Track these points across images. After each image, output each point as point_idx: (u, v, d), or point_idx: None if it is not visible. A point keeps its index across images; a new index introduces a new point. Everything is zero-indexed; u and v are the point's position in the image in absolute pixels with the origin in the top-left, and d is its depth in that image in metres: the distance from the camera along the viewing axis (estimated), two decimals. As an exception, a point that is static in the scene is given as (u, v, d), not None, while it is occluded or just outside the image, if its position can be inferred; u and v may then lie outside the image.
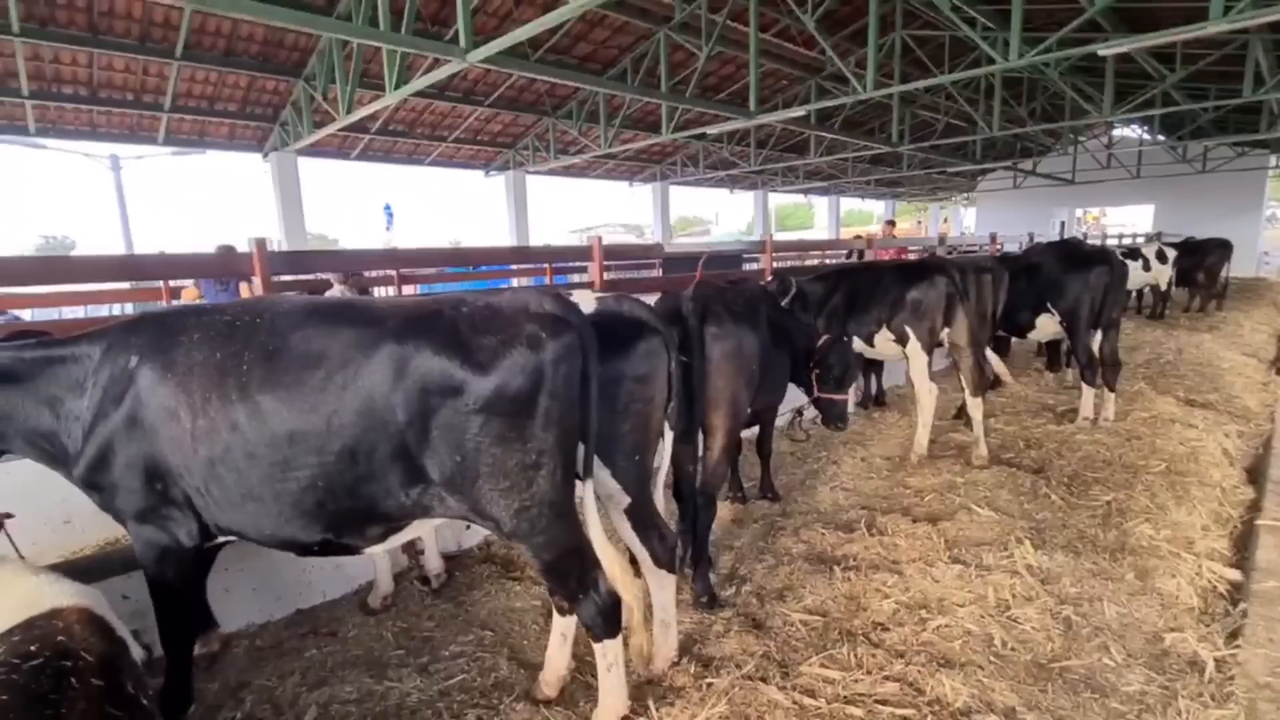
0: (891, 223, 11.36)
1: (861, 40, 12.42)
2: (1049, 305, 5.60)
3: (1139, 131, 19.86)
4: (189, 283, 7.29)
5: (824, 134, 13.85)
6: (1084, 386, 5.53)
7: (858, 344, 5.25)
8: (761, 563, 3.33)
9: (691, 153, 17.78)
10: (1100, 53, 6.95)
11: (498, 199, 16.25)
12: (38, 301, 7.65)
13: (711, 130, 11.34)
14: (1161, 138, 17.26)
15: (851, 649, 2.53)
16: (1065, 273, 5.46)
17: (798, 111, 10.14)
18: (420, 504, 1.93)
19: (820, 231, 32.39)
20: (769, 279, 5.72)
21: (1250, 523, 3.89)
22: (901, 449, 5.14)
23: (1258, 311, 12.54)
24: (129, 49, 8.89)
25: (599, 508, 2.17)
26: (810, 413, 5.22)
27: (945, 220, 43.41)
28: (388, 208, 26.01)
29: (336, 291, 7.22)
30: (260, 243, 3.56)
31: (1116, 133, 20.62)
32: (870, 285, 5.11)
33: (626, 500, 2.35)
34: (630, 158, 17.79)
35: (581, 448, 2.02)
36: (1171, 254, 11.79)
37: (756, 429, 4.21)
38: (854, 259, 8.83)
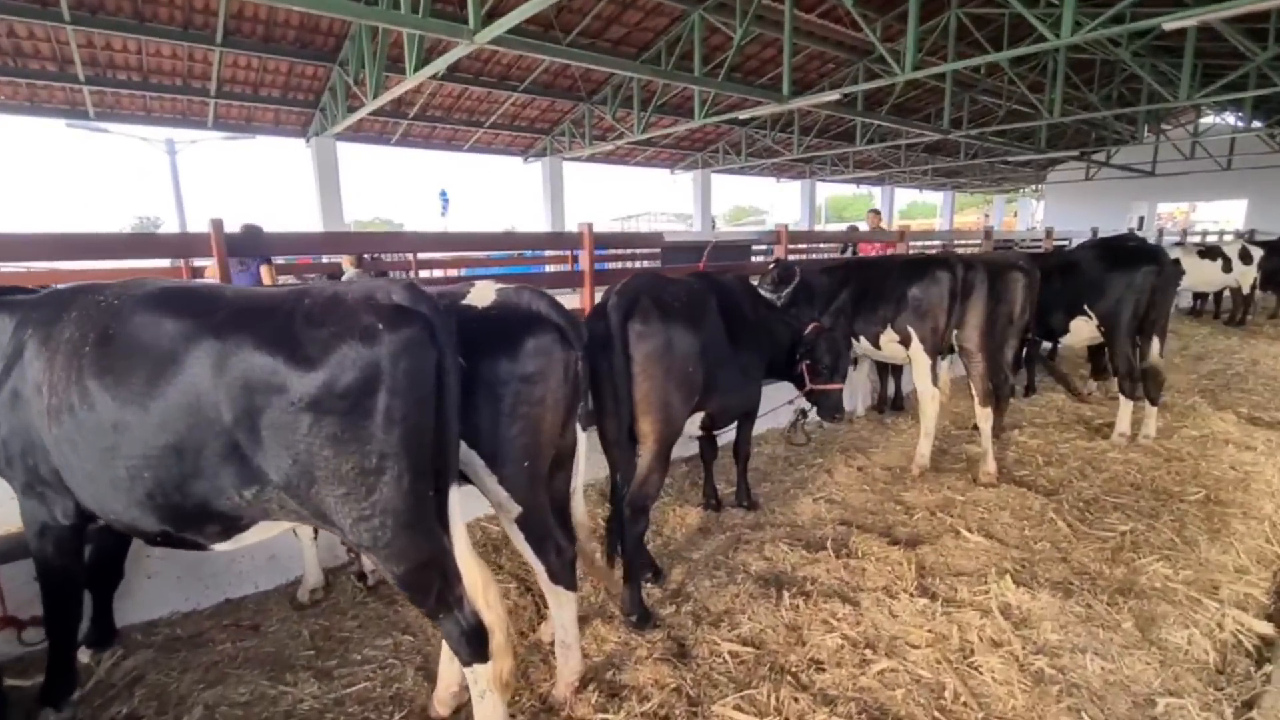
0: (876, 212, 9.95)
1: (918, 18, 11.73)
2: (1085, 307, 5.06)
3: (1230, 118, 18.08)
4: (210, 262, 7.47)
5: (870, 120, 13.13)
6: (1121, 399, 4.98)
7: (865, 346, 4.91)
8: (712, 579, 3.07)
9: (734, 140, 17.27)
10: (1165, 26, 6.21)
11: (540, 185, 16.21)
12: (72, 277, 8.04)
13: (744, 115, 10.90)
14: (1256, 124, 15.64)
15: (775, 690, 2.26)
16: (1105, 272, 4.91)
17: (831, 95, 9.60)
18: (259, 506, 1.80)
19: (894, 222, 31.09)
20: (770, 268, 5.42)
21: (1300, 566, 3.38)
22: (906, 459, 4.74)
23: (1357, 320, 11.23)
24: (173, 35, 9.19)
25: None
26: (809, 410, 4.93)
27: (1016, 215, 41.05)
28: (443, 193, 26.57)
29: (350, 275, 7.28)
30: (217, 223, 3.52)
31: (1205, 120, 18.83)
32: (877, 281, 4.72)
33: (517, 509, 2.17)
34: (671, 145, 17.44)
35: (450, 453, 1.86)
36: (1257, 253, 10.67)
37: (734, 431, 3.91)
38: (847, 253, 8.16)
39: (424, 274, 10.25)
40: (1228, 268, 10.62)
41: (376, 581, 3.18)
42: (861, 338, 4.89)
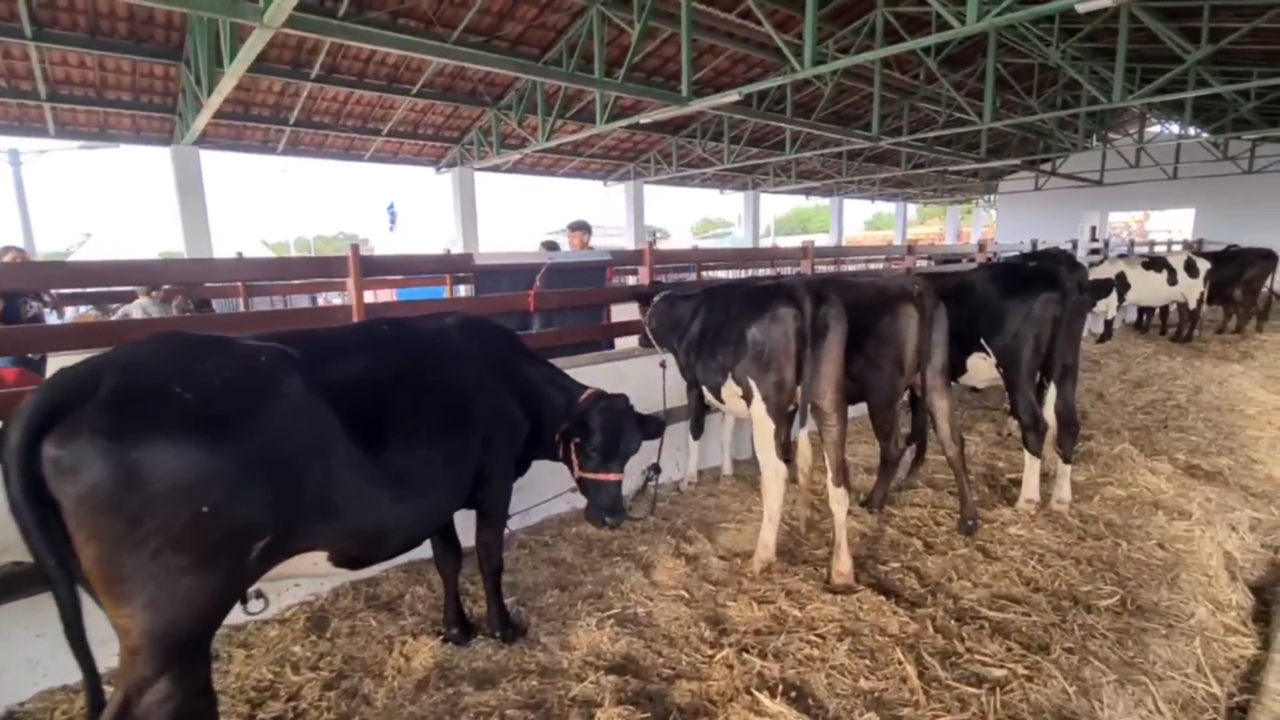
0: (580, 228, 6.74)
1: (843, 20, 10.94)
2: (983, 343, 4.09)
3: (1175, 128, 17.70)
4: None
5: (797, 126, 12.28)
6: (1027, 457, 4.00)
7: (710, 399, 3.91)
8: (348, 806, 1.96)
9: (665, 150, 16.35)
10: (1079, 9, 5.38)
11: (470, 198, 14.95)
12: None
13: (644, 119, 9.93)
14: (1199, 133, 15.20)
15: None
16: (1000, 300, 3.95)
17: (730, 96, 8.67)
18: None
19: (843, 236, 30.13)
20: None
21: (1240, 711, 2.40)
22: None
23: (1306, 335, 10.61)
24: (-31, 27, 7.92)
25: None
26: (661, 468, 3.75)
27: (985, 226, 40.91)
28: (391, 207, 25.29)
29: (136, 306, 6.08)
30: None
31: (1151, 130, 18.46)
32: (719, 317, 3.70)
33: None
34: (601, 154, 16.45)
35: None
36: (1204, 266, 10.01)
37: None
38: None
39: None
40: (1173, 280, 9.94)
41: None
42: (704, 388, 3.88)
